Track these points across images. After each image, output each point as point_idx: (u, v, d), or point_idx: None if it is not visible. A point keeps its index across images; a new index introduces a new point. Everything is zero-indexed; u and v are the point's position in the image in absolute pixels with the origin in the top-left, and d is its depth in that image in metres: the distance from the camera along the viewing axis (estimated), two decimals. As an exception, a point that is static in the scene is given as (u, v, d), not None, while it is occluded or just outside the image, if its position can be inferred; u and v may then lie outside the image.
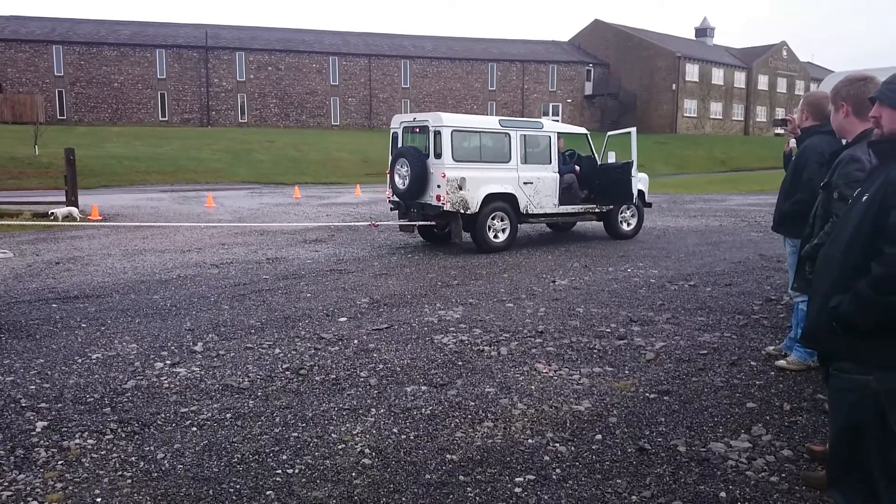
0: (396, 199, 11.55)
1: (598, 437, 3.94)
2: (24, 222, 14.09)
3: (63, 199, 15.69)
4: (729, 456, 3.70)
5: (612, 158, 12.73)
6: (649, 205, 13.59)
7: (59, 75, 46.14)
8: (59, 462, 3.55)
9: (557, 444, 3.82)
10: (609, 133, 13.20)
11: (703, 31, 66.16)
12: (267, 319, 6.61)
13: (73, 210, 14.92)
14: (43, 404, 4.33)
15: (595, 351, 5.62)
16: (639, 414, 4.28)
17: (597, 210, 12.41)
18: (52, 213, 14.39)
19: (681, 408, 4.39)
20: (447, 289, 8.17)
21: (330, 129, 50.29)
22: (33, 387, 4.65)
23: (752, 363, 5.32)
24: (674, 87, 56.88)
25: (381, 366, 5.19)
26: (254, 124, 49.61)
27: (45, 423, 4.03)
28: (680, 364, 5.28)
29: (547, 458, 3.66)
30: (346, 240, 12.56)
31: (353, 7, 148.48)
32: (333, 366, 5.19)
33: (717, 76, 60.55)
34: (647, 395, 4.61)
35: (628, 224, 12.86)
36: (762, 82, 63.86)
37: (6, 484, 3.31)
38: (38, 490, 3.26)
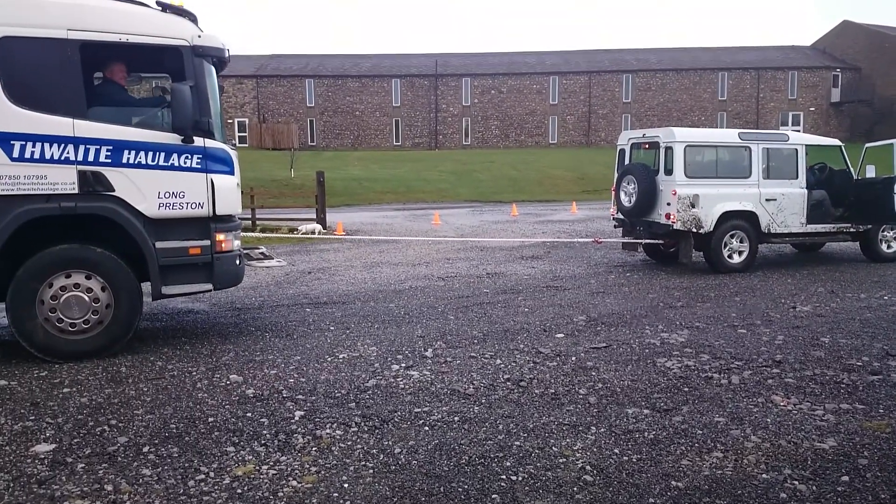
0: (621, 216, 11.40)
1: (845, 478, 3.58)
2: (282, 236, 16.13)
3: (314, 216, 17.64)
4: None
5: (870, 173, 11.39)
6: None
7: (311, 106, 51.92)
8: (314, 448, 4.03)
9: (796, 482, 3.54)
10: (868, 145, 11.85)
11: None
12: (488, 331, 6.89)
13: (317, 226, 16.81)
14: (300, 396, 4.94)
15: (843, 385, 5.09)
16: (895, 458, 3.82)
17: (852, 230, 11.20)
18: (301, 230, 16.46)
19: (952, 457, 3.82)
20: (670, 310, 7.88)
21: (547, 148, 50.74)
22: (292, 380, 5.31)
23: None
24: (945, 89, 49.13)
25: (599, 385, 5.17)
26: (476, 146, 51.68)
27: (302, 413, 4.59)
28: (951, 407, 4.60)
29: (784, 495, 3.41)
30: (562, 257, 12.62)
31: (575, 25, 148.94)
32: (552, 380, 5.27)
33: None
34: (908, 438, 4.09)
35: (890, 246, 11.44)
36: None
37: (271, 463, 3.83)
38: (297, 471, 3.72)
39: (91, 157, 5.66)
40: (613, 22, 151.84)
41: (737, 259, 10.56)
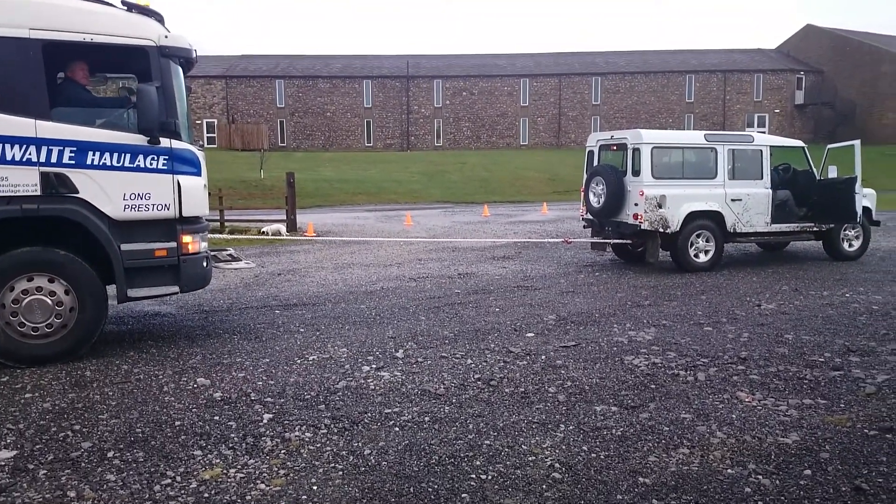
0: (590, 217, 11.51)
1: (807, 472, 3.66)
2: (251, 237, 15.97)
3: (284, 217, 17.50)
4: (970, 507, 3.26)
5: (833, 173, 11.66)
6: (877, 223, 12.25)
7: (281, 107, 51.54)
8: (282, 451, 4.00)
9: (760, 477, 3.61)
10: (829, 146, 12.15)
11: (943, 28, 57.99)
12: (459, 331, 6.91)
13: (281, 227, 16.70)
14: (269, 399, 4.90)
15: (805, 381, 5.20)
16: (855, 451, 3.91)
17: (815, 229, 11.45)
18: (264, 231, 16.35)
19: (908, 449, 3.93)
20: (638, 309, 7.97)
21: (518, 149, 51.05)
22: (260, 383, 5.26)
23: None
24: (902, 92, 50.43)
25: (569, 383, 5.21)
26: (448, 147, 51.76)
27: (271, 416, 4.55)
28: (908, 401, 4.73)
29: (748, 489, 3.47)
30: (533, 257, 12.70)
31: (546, 28, 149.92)
32: (522, 379, 5.30)
33: (958, 79, 52.56)
34: (866, 431, 4.19)
35: (851, 244, 11.72)
36: None
37: (239, 467, 3.79)
38: (265, 475, 3.69)
39: (54, 159, 5.56)
40: (583, 20, 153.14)
41: (703, 258, 10.73)
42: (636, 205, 10.44)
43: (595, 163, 11.57)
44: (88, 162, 5.68)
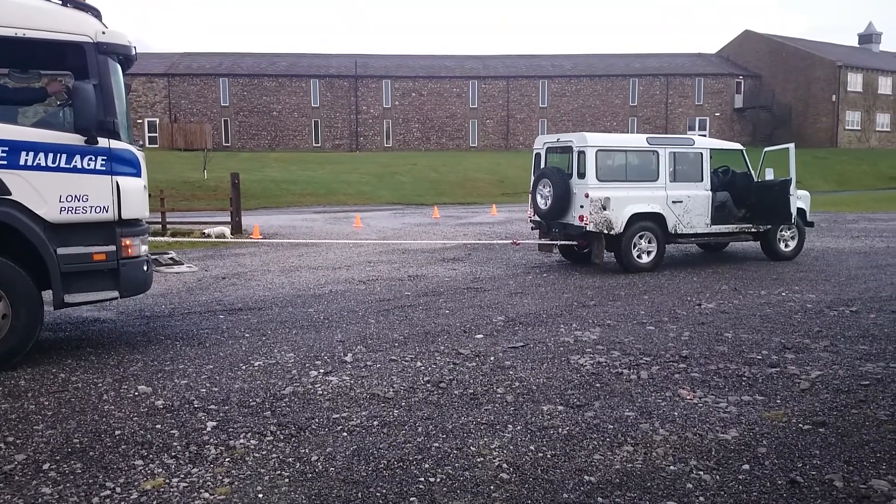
0: (538, 218, 11.64)
1: (746, 467, 3.78)
2: (194, 240, 15.62)
3: (228, 219, 17.16)
4: (893, 495, 3.42)
5: (769, 175, 12.08)
6: (811, 224, 12.75)
7: (225, 105, 50.51)
8: (227, 459, 3.92)
9: (701, 472, 3.71)
10: (766, 149, 12.59)
11: (868, 38, 60.75)
12: (409, 334, 6.90)
13: (225, 230, 16.39)
14: (212, 406, 4.79)
15: (744, 378, 5.37)
16: (791, 445, 4.06)
17: (753, 230, 11.84)
18: (208, 233, 16.02)
19: (838, 441, 4.10)
20: (584, 309, 8.11)
21: (468, 151, 51.25)
22: (204, 390, 5.15)
23: (926, 398, 4.86)
24: (833, 98, 52.69)
25: (517, 383, 5.26)
26: (397, 148, 51.62)
27: (215, 423, 4.46)
28: (838, 395, 4.93)
29: (690, 485, 3.57)
30: (483, 258, 12.78)
31: (493, 31, 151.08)
32: (471, 381, 5.33)
33: (885, 85, 55.20)
34: (801, 426, 4.36)
35: (787, 245, 12.16)
36: (941, 90, 57.62)
37: (182, 476, 3.71)
38: (209, 483, 3.62)
39: (-17, 159, 5.32)
40: (531, 25, 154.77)
41: (646, 259, 10.98)
42: (582, 207, 10.61)
43: (542, 165, 11.72)
44: (21, 162, 5.46)
